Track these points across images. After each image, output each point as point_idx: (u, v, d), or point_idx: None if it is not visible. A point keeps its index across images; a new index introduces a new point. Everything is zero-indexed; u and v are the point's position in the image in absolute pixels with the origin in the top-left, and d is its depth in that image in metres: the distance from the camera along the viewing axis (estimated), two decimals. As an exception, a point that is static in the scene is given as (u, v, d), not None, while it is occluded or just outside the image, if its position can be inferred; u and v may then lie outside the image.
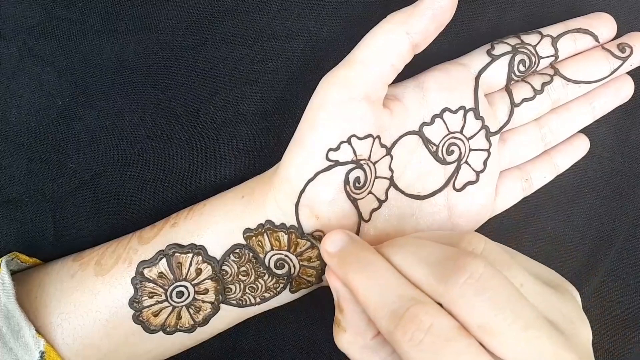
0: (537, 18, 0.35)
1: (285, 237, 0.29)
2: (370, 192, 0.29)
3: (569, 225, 0.36)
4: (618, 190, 0.36)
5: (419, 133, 0.31)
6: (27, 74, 0.31)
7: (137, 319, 0.29)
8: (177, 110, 0.33)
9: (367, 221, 0.30)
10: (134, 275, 0.29)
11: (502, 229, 0.34)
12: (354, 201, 0.29)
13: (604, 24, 0.33)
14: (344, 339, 0.26)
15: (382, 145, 0.29)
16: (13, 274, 0.30)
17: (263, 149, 0.34)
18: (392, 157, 0.30)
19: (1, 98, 0.31)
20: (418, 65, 0.31)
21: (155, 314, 0.30)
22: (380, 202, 0.30)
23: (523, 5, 0.35)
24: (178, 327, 0.30)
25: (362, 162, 0.29)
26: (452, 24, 0.29)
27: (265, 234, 0.29)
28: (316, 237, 0.29)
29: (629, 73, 0.34)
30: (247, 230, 0.29)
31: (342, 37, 0.33)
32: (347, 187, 0.28)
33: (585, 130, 0.35)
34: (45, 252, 0.33)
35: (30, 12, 0.31)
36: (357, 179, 0.29)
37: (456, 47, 0.34)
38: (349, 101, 0.28)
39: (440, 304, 0.23)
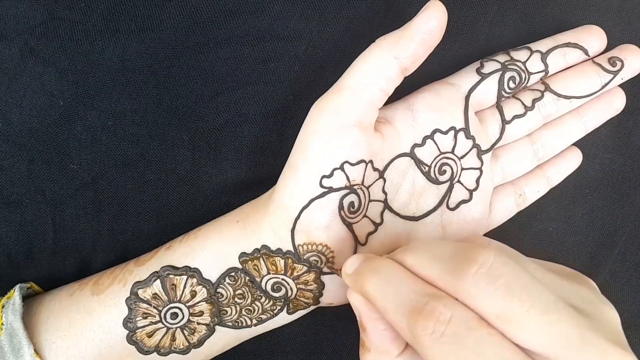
0: (529, 31, 0.35)
1: (282, 261, 0.29)
2: (365, 216, 0.30)
3: (571, 226, 0.36)
4: (620, 191, 0.36)
5: (411, 154, 0.31)
6: (28, 74, 0.31)
7: (130, 339, 0.30)
8: (179, 111, 0.33)
9: (363, 245, 0.30)
10: (129, 295, 0.30)
11: (504, 230, 0.34)
12: (349, 225, 0.29)
13: (593, 37, 0.34)
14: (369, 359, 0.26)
15: (375, 169, 0.30)
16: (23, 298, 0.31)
17: (265, 150, 0.34)
18: (385, 180, 0.30)
19: (2, 98, 0.31)
20: (409, 80, 0.31)
21: (149, 335, 0.30)
22: (376, 225, 0.30)
23: (514, 20, 0.35)
24: (172, 348, 0.30)
25: (355, 187, 0.29)
26: (443, 41, 0.29)
27: (261, 259, 0.29)
28: (312, 263, 0.29)
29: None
30: (242, 254, 0.29)
31: (345, 37, 0.33)
32: (342, 212, 0.29)
33: (586, 131, 0.35)
34: (44, 254, 0.33)
35: (32, 13, 0.31)
36: (352, 204, 0.29)
37: (451, 60, 0.34)
38: (341, 128, 0.28)
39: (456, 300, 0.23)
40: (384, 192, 0.30)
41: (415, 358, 0.26)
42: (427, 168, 0.31)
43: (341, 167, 0.28)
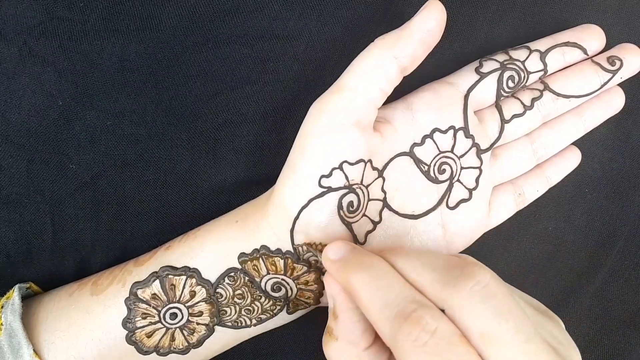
0: (528, 30, 0.35)
1: (282, 261, 0.29)
2: (364, 215, 0.30)
3: (571, 225, 0.36)
4: (619, 190, 0.36)
5: (410, 154, 0.31)
6: (27, 74, 0.31)
7: (130, 339, 0.30)
8: (178, 111, 0.33)
9: (362, 244, 0.30)
10: (128, 295, 0.30)
11: (503, 229, 0.34)
12: (348, 225, 0.29)
13: (592, 36, 0.34)
14: (334, 348, 0.26)
15: (374, 169, 0.30)
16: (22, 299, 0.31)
17: (264, 149, 0.34)
18: (384, 179, 0.30)
19: (1, 98, 0.31)
20: (408, 80, 0.31)
21: (149, 335, 0.30)
22: (375, 223, 0.30)
23: (513, 19, 0.35)
24: (172, 348, 0.30)
25: (354, 186, 0.29)
26: (442, 41, 0.29)
27: (261, 259, 0.29)
28: (312, 263, 0.29)
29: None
30: (242, 254, 0.29)
31: (344, 37, 0.33)
32: (341, 211, 0.29)
33: (585, 130, 0.35)
34: (43, 254, 0.33)
35: (31, 12, 0.31)
36: (351, 203, 0.29)
37: (450, 59, 0.34)
38: (340, 128, 0.28)
39: (442, 311, 0.23)
40: (383, 191, 0.30)
41: (381, 354, 0.26)
42: (426, 167, 0.31)
43: (340, 167, 0.28)
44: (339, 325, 0.26)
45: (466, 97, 0.32)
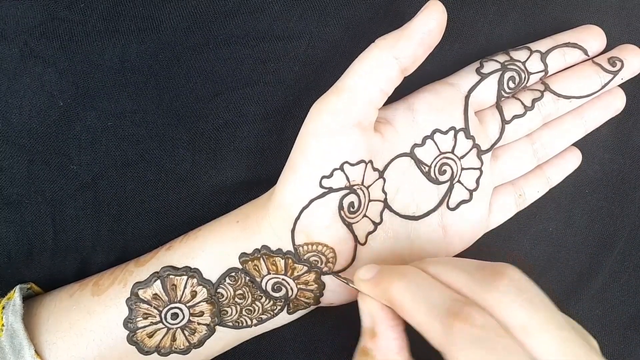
0: (529, 31, 0.35)
1: (282, 262, 0.29)
2: (365, 216, 0.30)
3: (571, 226, 0.36)
4: (619, 191, 0.36)
5: (411, 155, 0.31)
6: (28, 75, 0.31)
7: (131, 339, 0.30)
8: (178, 111, 0.33)
9: (363, 244, 0.30)
10: (129, 296, 0.30)
11: (503, 230, 0.34)
12: (349, 225, 0.29)
13: (593, 37, 0.34)
14: None
15: (375, 169, 0.30)
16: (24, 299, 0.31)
17: (265, 150, 0.34)
18: (384, 180, 0.30)
19: (2, 99, 0.31)
20: (409, 80, 0.31)
21: (150, 335, 0.30)
22: (376, 224, 0.30)
23: (514, 20, 0.35)
24: (173, 348, 0.30)
25: (355, 187, 0.29)
26: (443, 41, 0.29)
27: (261, 259, 0.29)
28: (312, 263, 0.29)
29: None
30: (243, 254, 0.30)
31: (345, 38, 0.33)
32: (342, 212, 0.29)
33: (586, 131, 0.35)
34: (43, 255, 0.33)
35: (32, 13, 0.31)
36: (351, 204, 0.29)
37: (451, 60, 0.34)
38: (341, 128, 0.28)
39: None
40: (383, 191, 0.30)
41: None
42: (427, 168, 0.31)
43: (341, 168, 0.28)
44: (379, 343, 0.26)
45: (467, 97, 0.32)
